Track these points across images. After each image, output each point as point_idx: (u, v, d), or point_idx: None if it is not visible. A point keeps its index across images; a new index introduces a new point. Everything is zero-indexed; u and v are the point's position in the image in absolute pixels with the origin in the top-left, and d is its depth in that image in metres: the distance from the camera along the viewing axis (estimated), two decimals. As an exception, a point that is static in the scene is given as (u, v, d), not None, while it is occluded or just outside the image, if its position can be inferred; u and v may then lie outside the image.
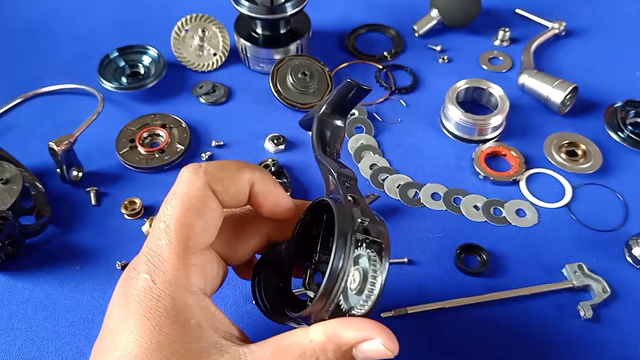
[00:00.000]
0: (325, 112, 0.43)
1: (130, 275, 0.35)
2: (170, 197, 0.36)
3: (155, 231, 0.35)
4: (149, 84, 0.74)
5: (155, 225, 0.35)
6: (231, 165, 0.38)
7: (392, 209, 0.64)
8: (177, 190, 0.36)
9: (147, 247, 0.35)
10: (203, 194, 0.36)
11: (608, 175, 0.67)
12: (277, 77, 0.74)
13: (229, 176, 0.37)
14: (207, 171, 0.36)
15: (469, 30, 0.85)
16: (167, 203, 0.35)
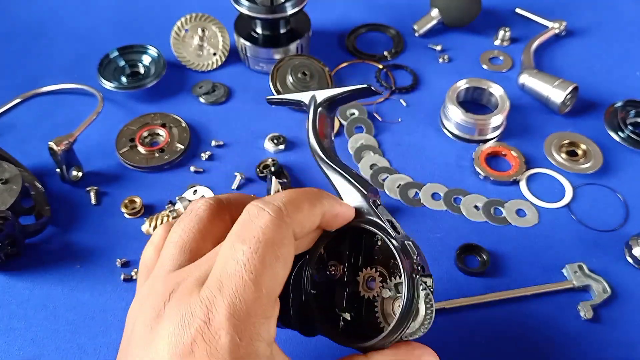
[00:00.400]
0: (323, 104, 0.43)
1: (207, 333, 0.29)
2: (253, 243, 0.31)
3: (235, 280, 0.30)
4: (148, 83, 0.74)
5: (236, 273, 0.30)
6: (305, 201, 0.35)
7: (392, 209, 0.64)
8: (262, 238, 0.31)
9: (229, 299, 0.30)
10: (290, 243, 0.33)
11: (608, 175, 0.67)
12: (277, 77, 0.74)
13: (307, 216, 0.34)
14: (290, 216, 0.33)
15: (469, 30, 0.85)
16: (253, 252, 0.31)
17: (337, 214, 0.37)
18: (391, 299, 0.37)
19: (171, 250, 0.35)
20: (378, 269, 0.38)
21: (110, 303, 0.55)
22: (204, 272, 0.32)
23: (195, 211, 0.37)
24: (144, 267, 0.38)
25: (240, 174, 0.66)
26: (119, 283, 0.57)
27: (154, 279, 0.35)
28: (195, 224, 0.36)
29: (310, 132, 0.42)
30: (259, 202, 0.33)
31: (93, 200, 0.64)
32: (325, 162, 0.41)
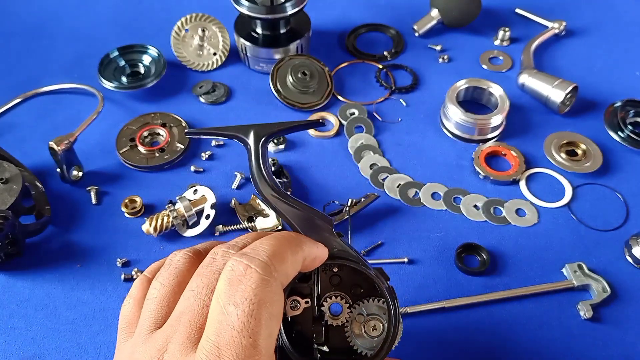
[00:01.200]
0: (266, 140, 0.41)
1: None
2: (247, 305, 0.30)
3: (234, 347, 0.29)
4: (149, 83, 0.74)
5: (234, 340, 0.29)
6: (287, 251, 0.34)
7: (392, 208, 0.64)
8: (254, 300, 0.30)
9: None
10: (280, 299, 0.32)
11: (608, 175, 0.67)
12: (277, 77, 0.74)
13: (291, 266, 0.34)
14: (277, 270, 0.32)
15: (469, 30, 0.85)
16: (248, 316, 0.30)
17: (315, 257, 0.36)
18: (361, 321, 0.39)
19: (151, 306, 0.35)
20: (342, 296, 0.39)
21: (110, 302, 0.56)
22: (191, 329, 0.32)
23: (175, 264, 0.36)
24: (125, 321, 0.37)
25: (240, 173, 0.66)
26: (119, 282, 0.57)
27: (136, 339, 0.34)
28: (174, 277, 0.35)
29: (255, 171, 0.40)
30: (243, 258, 0.32)
31: (93, 200, 0.64)
32: (278, 199, 0.39)
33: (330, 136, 0.71)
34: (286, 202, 0.38)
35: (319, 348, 0.39)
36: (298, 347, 0.38)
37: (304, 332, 0.39)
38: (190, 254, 0.37)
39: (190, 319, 0.32)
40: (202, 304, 0.32)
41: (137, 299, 0.37)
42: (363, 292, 0.39)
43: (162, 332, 0.32)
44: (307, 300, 0.39)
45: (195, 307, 0.32)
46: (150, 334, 0.33)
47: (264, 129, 0.41)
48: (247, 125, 0.41)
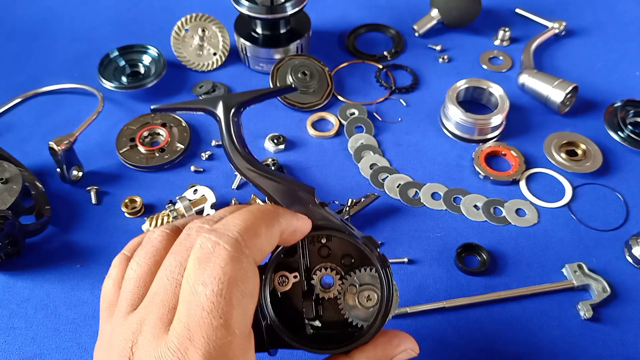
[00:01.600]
0: (237, 111, 0.40)
1: None
2: (216, 285, 0.29)
3: (204, 328, 0.29)
4: (149, 83, 0.74)
5: (204, 321, 0.29)
6: (261, 224, 0.32)
7: (392, 208, 0.64)
8: (224, 278, 0.29)
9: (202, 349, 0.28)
10: (254, 275, 0.31)
11: (608, 175, 0.67)
12: (277, 77, 0.74)
13: (266, 240, 0.32)
14: (248, 247, 0.31)
15: (469, 30, 0.85)
16: (217, 295, 0.29)
17: (295, 229, 0.35)
18: (354, 292, 0.38)
19: (128, 287, 0.34)
20: (332, 268, 0.38)
21: (110, 302, 0.56)
22: (164, 310, 0.31)
23: (151, 242, 0.35)
24: (105, 302, 0.36)
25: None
26: (119, 282, 0.57)
27: (115, 321, 0.33)
28: (150, 256, 0.35)
29: (227, 144, 0.38)
30: (212, 235, 0.30)
31: (93, 200, 0.64)
32: (255, 172, 0.37)
33: (330, 136, 0.71)
34: (264, 175, 0.37)
35: (311, 323, 0.38)
36: (291, 324, 0.37)
37: (295, 308, 0.38)
38: (168, 231, 0.36)
39: (163, 299, 0.31)
40: (175, 284, 0.31)
41: (116, 279, 0.36)
42: (354, 262, 0.38)
43: (137, 314, 0.32)
44: (296, 274, 0.37)
45: (168, 287, 0.32)
46: (127, 315, 0.33)
47: (232, 98, 0.39)
48: (215, 97, 0.40)
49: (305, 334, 0.38)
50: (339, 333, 0.38)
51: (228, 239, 0.30)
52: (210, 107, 0.39)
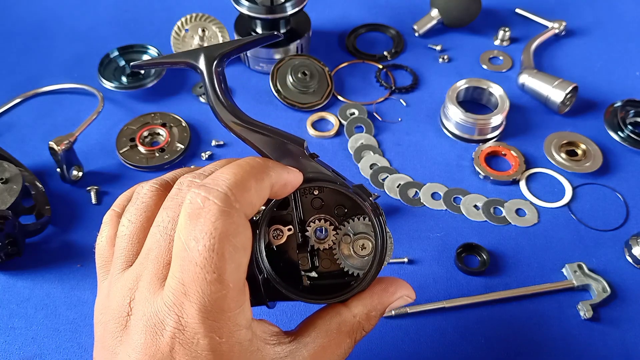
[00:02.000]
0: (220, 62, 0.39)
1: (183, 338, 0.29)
2: (207, 240, 0.29)
3: (198, 283, 0.29)
4: (149, 83, 0.74)
5: (198, 276, 0.29)
6: (251, 178, 0.32)
7: (392, 208, 0.64)
8: (215, 233, 0.29)
9: (198, 303, 0.29)
10: (245, 229, 0.31)
11: (608, 175, 0.67)
12: (277, 77, 0.74)
13: (256, 194, 0.32)
14: (238, 201, 0.30)
15: (469, 30, 0.85)
16: (210, 250, 0.29)
17: (286, 182, 0.35)
18: (349, 242, 0.38)
19: (121, 244, 0.34)
20: (326, 219, 0.38)
21: (110, 302, 0.56)
22: (158, 265, 0.31)
23: (142, 199, 0.35)
24: (101, 260, 0.36)
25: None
26: (119, 282, 0.57)
27: (111, 278, 0.34)
28: (142, 212, 0.35)
29: (212, 97, 0.37)
30: (201, 190, 0.30)
31: (93, 200, 0.64)
32: (241, 126, 0.36)
33: (330, 136, 0.71)
34: (252, 128, 0.36)
35: (307, 274, 0.38)
36: (287, 277, 0.37)
37: (291, 261, 0.38)
38: (157, 186, 0.36)
39: (158, 255, 0.32)
40: (168, 239, 0.32)
41: (109, 236, 0.36)
42: (348, 212, 0.38)
43: (132, 270, 0.32)
44: (290, 227, 0.37)
45: (162, 243, 0.32)
46: (122, 272, 0.33)
47: (214, 49, 0.38)
48: (195, 49, 0.39)
49: (303, 285, 0.38)
50: (336, 283, 0.38)
51: (217, 194, 0.30)
52: (192, 60, 0.38)
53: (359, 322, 0.36)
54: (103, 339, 0.32)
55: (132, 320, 0.31)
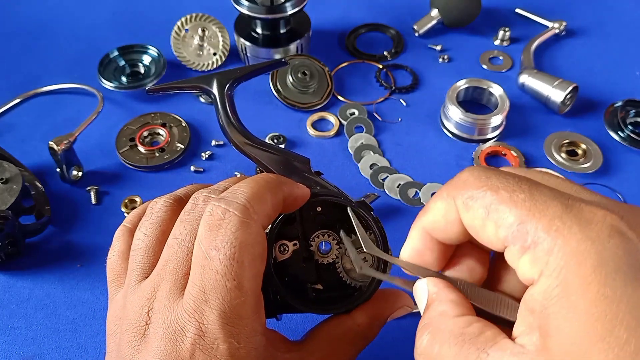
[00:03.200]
0: (231, 87, 0.41)
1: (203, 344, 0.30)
2: (228, 249, 0.30)
3: (219, 290, 0.30)
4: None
5: (218, 283, 0.30)
6: (267, 192, 0.34)
7: (392, 208, 0.64)
8: (236, 243, 0.30)
9: (218, 310, 0.30)
10: (262, 240, 0.32)
11: (608, 175, 0.67)
12: (277, 77, 0.74)
13: (271, 207, 0.34)
14: (257, 212, 0.32)
15: (469, 30, 0.85)
16: (230, 259, 0.30)
17: (296, 197, 0.36)
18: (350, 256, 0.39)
19: (137, 257, 0.35)
20: (329, 234, 0.39)
21: (110, 302, 0.56)
22: (177, 276, 0.32)
23: (156, 213, 0.37)
24: (113, 274, 0.38)
25: (240, 173, 0.66)
26: (119, 282, 0.57)
27: (126, 290, 0.35)
28: (157, 226, 0.36)
29: (223, 119, 0.39)
30: (221, 203, 0.32)
31: (93, 200, 0.64)
32: (251, 146, 0.39)
33: (330, 136, 0.71)
34: (260, 148, 0.39)
35: (313, 287, 0.39)
36: (293, 289, 0.38)
37: (296, 274, 0.39)
38: (171, 201, 0.37)
39: (176, 266, 0.32)
40: (186, 251, 0.33)
41: (121, 250, 0.38)
42: (349, 227, 0.39)
43: (149, 281, 0.33)
44: (295, 242, 0.39)
45: (180, 255, 0.33)
46: (138, 283, 0.34)
47: (227, 75, 0.41)
48: (209, 75, 0.41)
49: (308, 297, 0.39)
50: (339, 295, 0.39)
51: (237, 206, 0.32)
52: (205, 85, 0.41)
53: (362, 331, 0.38)
54: (119, 348, 0.33)
55: (151, 329, 0.31)
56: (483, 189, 0.26)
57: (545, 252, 0.23)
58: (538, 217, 0.24)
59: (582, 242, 0.22)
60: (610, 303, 0.21)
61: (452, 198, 0.28)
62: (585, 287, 0.22)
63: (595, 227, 0.23)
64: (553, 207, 0.24)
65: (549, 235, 0.23)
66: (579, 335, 0.22)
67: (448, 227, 0.29)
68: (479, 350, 0.25)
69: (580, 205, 0.24)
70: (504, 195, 0.25)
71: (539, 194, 0.25)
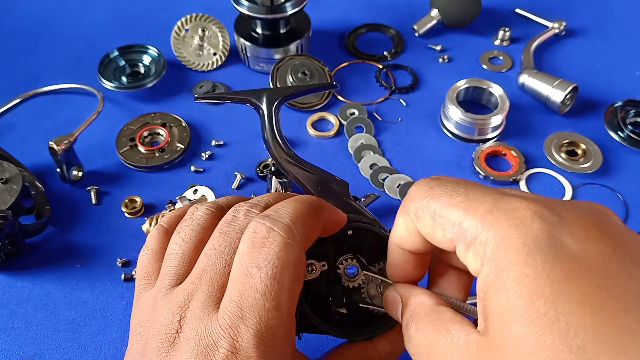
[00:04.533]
0: (279, 104, 0.41)
1: None
2: (270, 269, 0.30)
3: (257, 309, 0.30)
4: (149, 83, 0.74)
5: (257, 302, 0.30)
6: (310, 214, 0.34)
7: (392, 209, 0.64)
8: (277, 263, 0.31)
9: (254, 328, 0.30)
10: (302, 262, 0.33)
11: (608, 175, 0.67)
12: (277, 77, 0.74)
13: (313, 230, 0.34)
14: (300, 234, 0.32)
15: (469, 30, 0.85)
16: (271, 279, 0.30)
17: (335, 222, 0.37)
18: (377, 283, 0.39)
19: (172, 262, 0.35)
20: (358, 258, 0.39)
21: (110, 302, 0.56)
22: (212, 287, 0.32)
23: (197, 219, 0.36)
24: (143, 272, 0.37)
25: (240, 173, 0.66)
26: (119, 282, 0.57)
27: (157, 293, 0.34)
28: (196, 233, 0.35)
29: (269, 135, 0.40)
30: (266, 221, 0.32)
31: (93, 200, 0.64)
32: (293, 164, 0.39)
33: (330, 136, 0.71)
34: (301, 166, 0.39)
35: (337, 310, 0.39)
36: (317, 310, 0.38)
37: (322, 295, 0.39)
38: (213, 209, 0.37)
39: (212, 277, 0.32)
40: (224, 263, 0.33)
41: (156, 250, 0.37)
42: (378, 255, 0.39)
43: (183, 288, 0.33)
44: (324, 263, 0.39)
45: (217, 266, 0.33)
46: (171, 289, 0.33)
47: (276, 92, 0.41)
48: (259, 90, 0.41)
49: (331, 319, 0.39)
50: (363, 320, 0.39)
51: (282, 226, 0.32)
52: (255, 100, 0.41)
53: (382, 358, 0.38)
54: (144, 352, 0.32)
55: (182, 339, 0.31)
56: (427, 198, 0.29)
57: (482, 244, 0.26)
58: (473, 214, 0.27)
59: (509, 229, 0.25)
60: (530, 280, 0.24)
61: (406, 212, 0.31)
62: (511, 268, 0.24)
63: (519, 214, 0.25)
64: (485, 202, 0.27)
65: (483, 228, 0.26)
66: (506, 312, 0.24)
67: (412, 239, 0.32)
68: (444, 329, 0.29)
69: (508, 198, 0.27)
70: (444, 200, 0.28)
71: (473, 194, 0.28)
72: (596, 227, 0.25)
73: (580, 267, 0.24)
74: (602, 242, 0.25)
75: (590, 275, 0.23)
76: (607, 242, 0.25)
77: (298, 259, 0.32)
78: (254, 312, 0.30)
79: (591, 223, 0.25)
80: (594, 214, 0.26)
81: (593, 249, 0.24)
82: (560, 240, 0.24)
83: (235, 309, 0.30)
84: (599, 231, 0.25)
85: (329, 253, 0.39)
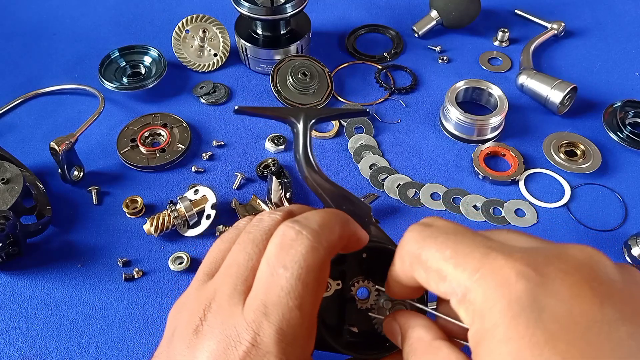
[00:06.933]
0: (314, 124, 0.42)
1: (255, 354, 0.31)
2: (296, 269, 0.31)
3: (281, 307, 0.31)
4: (149, 84, 0.74)
5: (282, 300, 0.31)
6: (337, 224, 0.35)
7: (392, 209, 0.64)
8: (303, 264, 0.32)
9: (277, 325, 0.31)
10: (327, 267, 0.34)
11: (607, 175, 0.67)
12: (277, 78, 0.74)
13: (338, 240, 0.35)
14: (326, 240, 0.33)
15: (468, 31, 0.86)
16: (297, 279, 0.31)
17: (358, 239, 0.37)
18: (388, 307, 0.39)
19: (209, 259, 0.37)
20: (369, 281, 0.40)
21: (111, 302, 0.56)
22: (237, 281, 0.33)
23: (235, 225, 0.39)
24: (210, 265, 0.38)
25: (240, 174, 0.66)
26: (120, 282, 0.57)
27: (191, 288, 0.36)
28: (233, 235, 0.38)
29: (302, 154, 0.41)
30: (295, 225, 0.33)
31: (94, 200, 0.64)
32: (321, 183, 0.40)
33: (330, 137, 0.71)
34: (329, 187, 0.40)
35: (349, 329, 0.40)
36: (327, 327, 0.39)
37: (335, 313, 0.40)
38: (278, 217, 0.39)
39: (237, 271, 0.34)
40: (247, 257, 0.34)
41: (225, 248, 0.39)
42: None
43: (212, 282, 0.35)
44: (339, 282, 0.39)
45: (241, 261, 0.34)
46: (203, 283, 0.36)
47: (313, 112, 0.42)
48: (296, 109, 0.43)
49: (342, 338, 0.39)
50: (373, 341, 0.39)
51: (310, 230, 0.33)
52: (293, 118, 0.42)
53: None
54: (172, 337, 0.34)
55: (206, 327, 0.32)
56: (419, 250, 0.31)
57: (471, 302, 0.27)
58: (462, 271, 0.28)
59: (495, 289, 0.26)
60: (513, 343, 0.24)
61: (401, 259, 0.33)
62: (495, 330, 0.25)
63: (505, 273, 0.26)
64: (473, 259, 0.28)
65: (472, 286, 0.27)
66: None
67: (408, 281, 0.33)
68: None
69: (495, 255, 0.28)
70: (436, 255, 0.30)
71: (462, 247, 0.29)
72: (583, 283, 0.26)
73: (562, 330, 0.24)
74: (587, 301, 0.25)
75: (571, 340, 0.24)
76: (594, 299, 0.25)
77: (323, 263, 0.33)
78: (277, 309, 0.31)
79: (579, 279, 0.26)
80: (583, 267, 0.26)
81: (578, 308, 0.25)
82: (542, 302, 0.25)
83: (260, 305, 0.31)
84: (586, 288, 0.25)
85: (344, 273, 0.40)
